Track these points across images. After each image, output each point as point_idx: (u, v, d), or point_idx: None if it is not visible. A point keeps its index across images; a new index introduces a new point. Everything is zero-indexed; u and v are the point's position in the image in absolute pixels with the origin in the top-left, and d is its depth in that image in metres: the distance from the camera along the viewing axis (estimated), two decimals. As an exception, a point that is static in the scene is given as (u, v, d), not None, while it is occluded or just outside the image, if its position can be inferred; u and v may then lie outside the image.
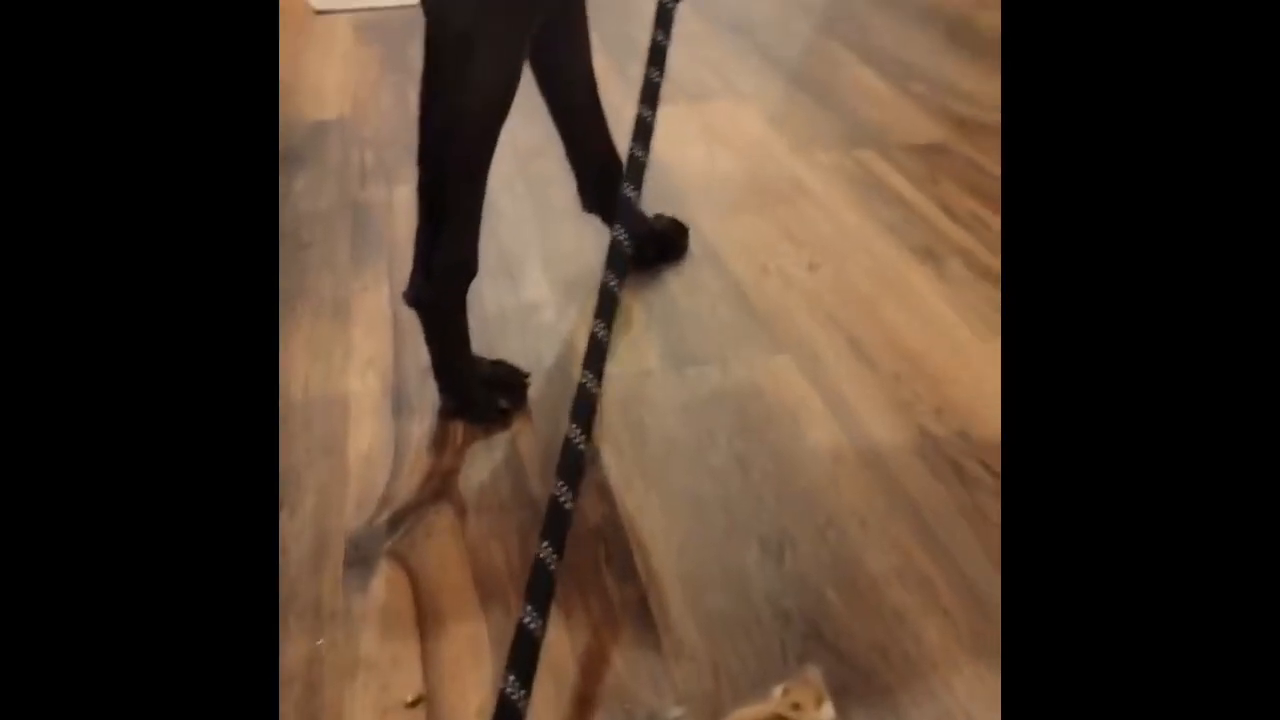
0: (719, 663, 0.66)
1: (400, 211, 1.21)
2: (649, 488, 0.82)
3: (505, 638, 0.69)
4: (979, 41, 1.62)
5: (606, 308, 0.72)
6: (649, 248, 1.09)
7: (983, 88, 1.46)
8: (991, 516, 0.76)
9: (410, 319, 0.90)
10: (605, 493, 0.81)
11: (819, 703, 0.52)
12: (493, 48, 0.77)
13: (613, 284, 0.73)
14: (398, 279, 1.04)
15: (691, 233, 1.13)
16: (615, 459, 0.85)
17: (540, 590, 0.60)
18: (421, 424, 0.90)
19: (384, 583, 0.74)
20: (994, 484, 0.79)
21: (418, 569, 0.75)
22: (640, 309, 1.03)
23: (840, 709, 0.61)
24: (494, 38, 0.77)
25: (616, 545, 0.76)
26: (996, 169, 1.24)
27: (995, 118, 1.37)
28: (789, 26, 1.74)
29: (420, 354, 0.91)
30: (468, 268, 0.86)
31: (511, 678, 0.56)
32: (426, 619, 0.71)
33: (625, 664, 0.67)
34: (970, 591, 0.70)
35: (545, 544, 0.61)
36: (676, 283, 1.07)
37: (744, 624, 0.69)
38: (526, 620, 0.58)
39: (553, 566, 0.61)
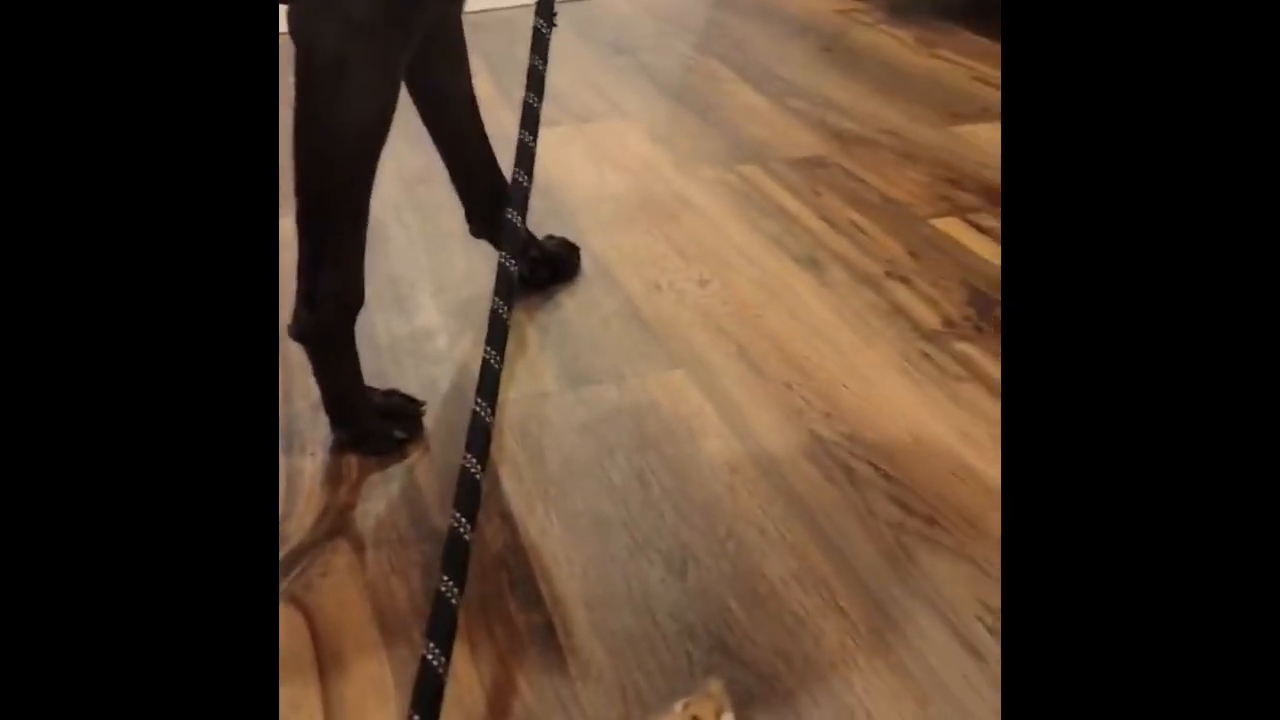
0: (626, 683, 0.67)
1: (283, 244, 1.18)
2: (550, 510, 0.81)
3: (409, 676, 0.68)
4: (852, 57, 1.69)
5: (497, 334, 0.72)
6: (541, 269, 1.09)
7: (858, 101, 1.51)
8: (880, 514, 0.79)
9: (298, 353, 0.88)
10: (507, 519, 0.81)
11: (719, 715, 0.53)
12: (365, 72, 0.76)
13: (502, 310, 0.73)
14: (283, 313, 1.01)
15: (583, 252, 1.14)
16: (515, 484, 0.84)
17: (442, 626, 0.59)
18: (314, 460, 0.88)
19: (280, 626, 0.72)
20: (883, 484, 0.82)
21: (315, 610, 0.74)
22: (535, 331, 1.04)
23: (745, 717, 0.63)
24: (365, 62, 0.76)
25: (520, 571, 0.76)
26: (873, 179, 1.29)
27: (870, 131, 1.42)
28: (670, 46, 1.77)
29: (310, 388, 0.89)
30: (353, 298, 0.84)
31: (416, 718, 0.55)
32: (326, 661, 0.70)
33: (532, 691, 0.67)
34: (864, 589, 0.72)
35: (446, 578, 0.61)
36: (570, 303, 1.08)
37: (650, 641, 0.69)
38: (430, 658, 0.57)
39: (454, 601, 0.60)
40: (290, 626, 0.72)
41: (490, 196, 1.04)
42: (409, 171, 1.29)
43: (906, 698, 0.65)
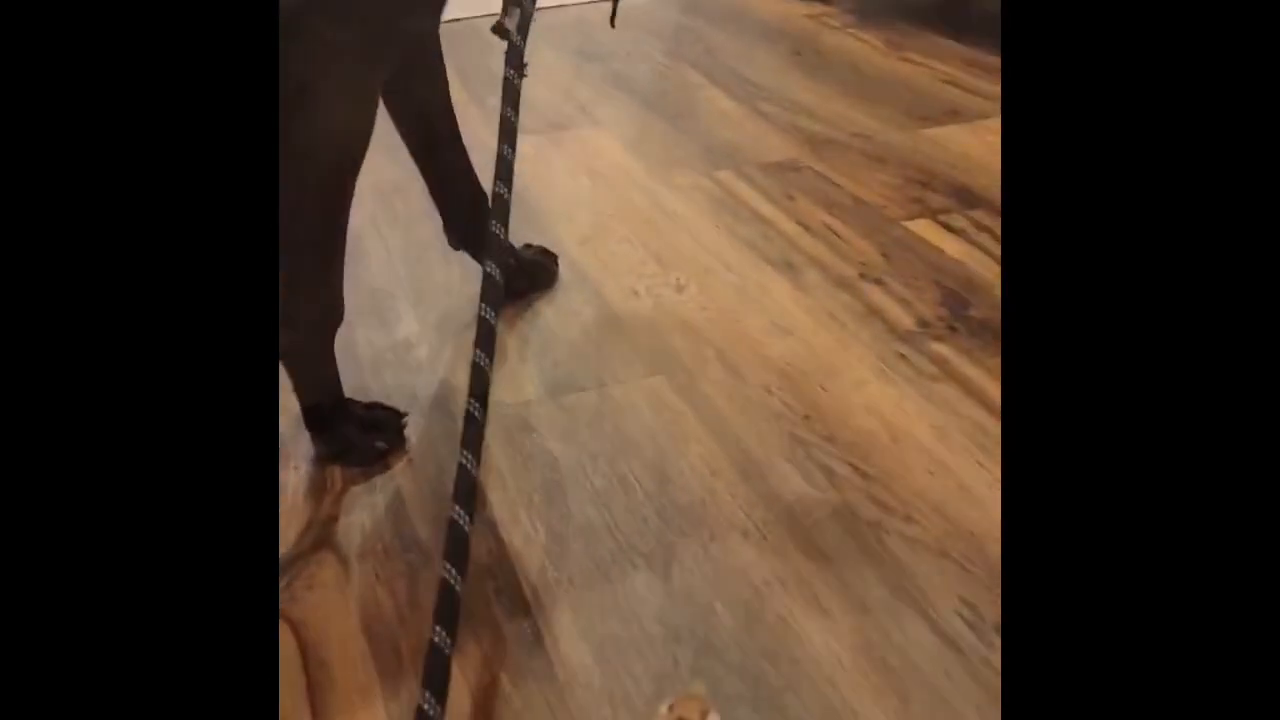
0: (614, 687, 0.68)
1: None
2: (534, 517, 0.82)
3: (397, 688, 0.68)
4: (821, 61, 1.71)
5: (486, 339, 0.74)
6: (520, 278, 1.10)
7: (828, 105, 1.53)
8: (860, 513, 0.80)
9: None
10: (491, 527, 0.81)
11: (704, 716, 0.54)
12: (336, 99, 0.75)
13: (490, 316, 0.74)
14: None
15: (560, 260, 1.15)
16: (500, 492, 0.85)
17: (447, 612, 0.61)
18: (297, 473, 0.88)
19: (267, 642, 0.72)
20: (862, 483, 0.83)
21: (301, 622, 0.74)
22: (515, 340, 1.04)
23: (733, 718, 0.64)
24: (337, 89, 0.75)
25: (505, 579, 0.76)
26: (846, 183, 1.31)
27: (841, 134, 1.44)
28: (641, 52, 1.78)
29: (291, 403, 0.89)
30: (332, 317, 0.84)
31: (427, 694, 0.57)
32: (314, 673, 0.70)
33: (520, 697, 0.67)
34: (846, 589, 0.74)
35: (449, 567, 0.63)
36: (549, 311, 1.09)
37: (636, 646, 0.70)
38: (437, 640, 0.59)
39: (458, 588, 0.62)
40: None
41: (469, 207, 1.04)
42: (385, 182, 1.29)
43: (890, 695, 0.66)
